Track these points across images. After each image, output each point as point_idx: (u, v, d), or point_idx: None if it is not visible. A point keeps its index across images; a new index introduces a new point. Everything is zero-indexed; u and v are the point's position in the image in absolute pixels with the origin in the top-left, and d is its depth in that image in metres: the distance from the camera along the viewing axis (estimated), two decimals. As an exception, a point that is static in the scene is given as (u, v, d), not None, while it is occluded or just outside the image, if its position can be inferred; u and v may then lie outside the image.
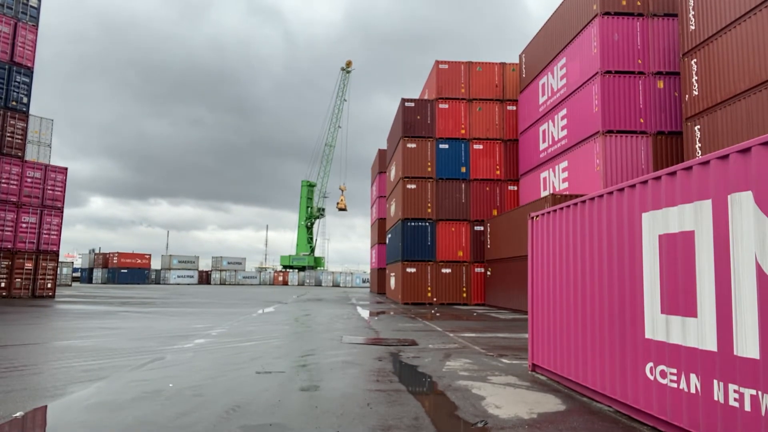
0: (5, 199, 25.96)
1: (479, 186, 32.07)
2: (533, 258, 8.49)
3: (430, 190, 31.91)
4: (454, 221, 31.73)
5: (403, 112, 32.68)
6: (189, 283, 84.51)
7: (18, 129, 26.34)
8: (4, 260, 25.80)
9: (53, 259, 27.68)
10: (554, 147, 26.32)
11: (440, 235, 31.59)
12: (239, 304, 27.25)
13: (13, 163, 26.24)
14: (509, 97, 32.75)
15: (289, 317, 19.66)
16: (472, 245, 31.48)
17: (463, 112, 32.65)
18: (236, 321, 17.20)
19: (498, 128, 32.59)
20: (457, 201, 31.90)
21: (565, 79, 25.49)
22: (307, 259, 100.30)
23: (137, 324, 15.76)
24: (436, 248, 31.43)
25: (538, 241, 8.33)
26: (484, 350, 10.93)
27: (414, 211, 31.79)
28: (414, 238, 31.59)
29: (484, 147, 32.42)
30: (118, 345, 10.91)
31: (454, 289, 31.18)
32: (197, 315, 19.60)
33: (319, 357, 9.76)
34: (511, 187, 32.09)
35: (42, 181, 27.39)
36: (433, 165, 32.11)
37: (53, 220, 27.73)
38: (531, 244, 8.58)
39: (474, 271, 31.30)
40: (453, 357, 9.87)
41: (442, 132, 32.38)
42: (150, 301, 27.83)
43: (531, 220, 8.61)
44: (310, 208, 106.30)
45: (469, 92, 32.72)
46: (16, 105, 26.28)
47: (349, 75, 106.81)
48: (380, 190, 51.95)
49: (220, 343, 11.37)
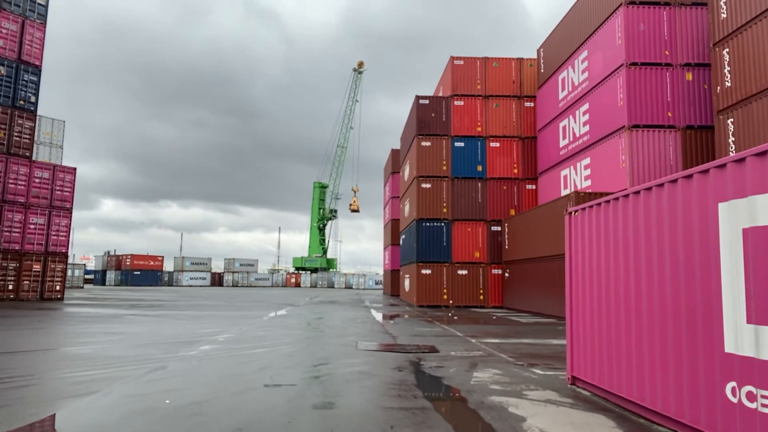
0: (13, 200, 25.50)
1: (496, 185, 31.12)
2: (571, 257, 7.60)
3: (446, 190, 31.02)
4: (471, 221, 30.81)
5: (418, 110, 31.84)
6: (201, 285, 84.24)
7: (26, 128, 25.89)
8: (12, 262, 25.33)
9: (62, 261, 27.18)
10: (575, 144, 25.32)
11: (456, 235, 30.69)
12: (250, 307, 26.56)
13: (21, 163, 25.78)
14: (527, 94, 31.77)
15: (301, 321, 18.89)
16: (489, 246, 30.53)
17: (479, 109, 31.73)
18: (246, 325, 16.45)
19: (515, 125, 31.63)
20: (474, 200, 30.98)
21: (587, 72, 24.49)
22: (320, 261, 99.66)
23: (142, 329, 15.07)
24: (452, 249, 30.53)
25: (578, 239, 7.44)
26: (512, 359, 10.04)
27: (429, 211, 30.92)
28: (429, 239, 30.72)
29: (501, 145, 31.47)
30: (118, 353, 10.18)
31: (470, 292, 30.25)
32: (206, 318, 18.90)
33: (333, 366, 8.95)
34: (529, 186, 31.10)
35: (50, 182, 26.91)
36: (448, 163, 31.23)
37: (62, 221, 27.24)
38: (569, 241, 7.69)
39: (491, 273, 30.34)
40: (480, 367, 9.00)
41: (458, 130, 31.48)
42: (159, 304, 27.24)
43: (569, 216, 7.73)
44: (322, 209, 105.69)
45: (485, 88, 31.80)
46: (24, 104, 25.83)
47: (360, 76, 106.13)
48: (393, 191, 51.13)
49: (227, 351, 10.60)
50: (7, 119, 25.12)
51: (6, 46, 25.21)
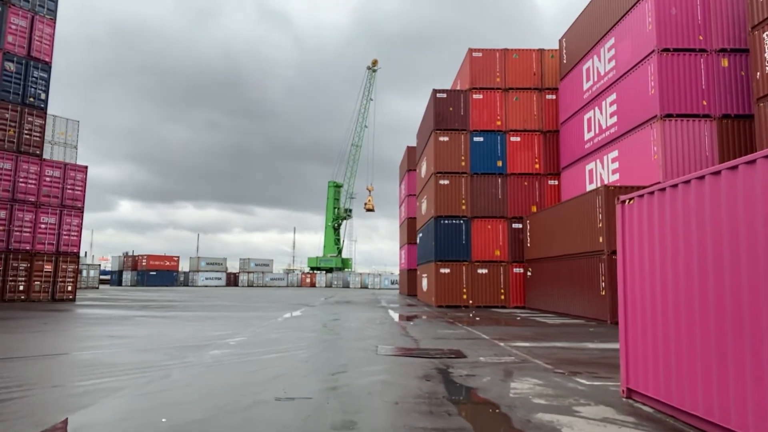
0: (23, 199, 25.04)
1: (517, 181, 30.06)
2: (625, 252, 6.64)
3: (464, 186, 30.04)
4: (491, 218, 29.79)
5: (435, 104, 30.88)
6: (217, 285, 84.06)
7: (36, 126, 25.41)
8: (23, 262, 24.87)
9: (73, 261, 26.69)
10: (602, 136, 24.19)
11: (475, 233, 29.69)
12: (265, 308, 25.83)
13: (31, 161, 25.31)
14: (548, 86, 30.66)
15: (316, 322, 18.07)
16: (510, 244, 29.49)
17: (499, 102, 30.69)
18: (259, 327, 15.66)
19: (536, 119, 30.53)
20: (494, 197, 29.96)
21: (614, 61, 23.36)
22: (335, 261, 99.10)
23: (150, 331, 14.34)
24: (472, 247, 29.54)
25: (634, 231, 6.48)
26: (549, 365, 9.09)
27: (447, 208, 29.96)
28: (448, 237, 29.76)
29: (521, 139, 30.40)
30: (120, 358, 9.42)
31: (491, 291, 29.23)
32: (218, 320, 18.16)
33: (353, 375, 8.08)
34: (552, 181, 29.99)
35: (61, 180, 26.42)
36: (467, 159, 30.24)
37: (73, 221, 26.74)
38: (621, 235, 6.73)
39: (512, 272, 29.29)
40: (516, 375, 8.07)
41: (477, 124, 30.48)
42: (172, 305, 26.62)
43: (621, 206, 6.76)
44: (337, 209, 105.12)
45: (504, 81, 30.75)
46: (34, 101, 25.35)
47: (375, 74, 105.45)
48: (409, 189, 50.27)
49: (238, 356, 9.78)
50: (17, 117, 24.67)
51: (15, 43, 24.76)
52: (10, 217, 24.48)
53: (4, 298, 24.15)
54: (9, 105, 24.44)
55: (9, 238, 24.40)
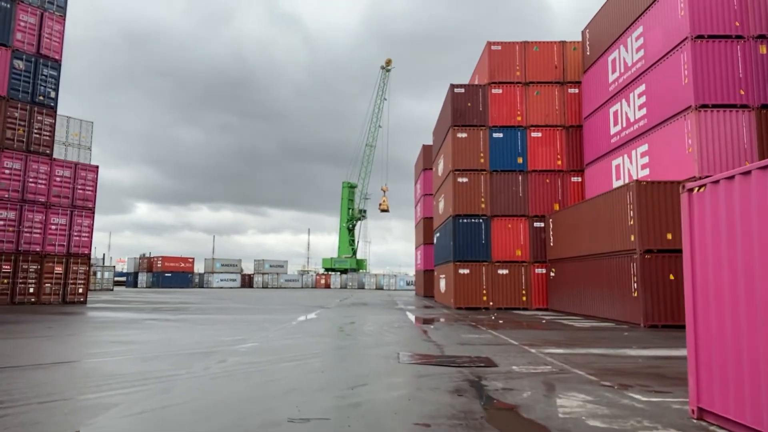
0: (33, 200, 24.55)
1: (538, 178, 28.99)
2: (694, 246, 5.68)
3: (484, 184, 29.04)
4: (511, 217, 28.76)
5: (452, 99, 29.94)
6: (232, 287, 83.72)
7: (46, 125, 24.93)
8: (33, 264, 24.37)
9: (84, 263, 26.16)
10: (629, 130, 23.07)
11: (496, 232, 28.68)
12: (279, 310, 25.08)
13: (41, 161, 24.82)
14: (571, 79, 29.56)
15: (332, 326, 17.24)
16: (531, 243, 28.43)
17: (519, 97, 29.65)
18: (272, 331, 14.86)
19: (558, 114, 29.44)
20: (514, 195, 28.92)
21: (642, 50, 22.24)
22: (350, 262, 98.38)
23: (158, 336, 13.61)
24: (492, 247, 28.53)
25: (706, 222, 5.52)
26: (593, 376, 8.14)
27: (466, 206, 28.99)
28: (466, 237, 28.78)
29: (543, 135, 29.33)
30: (120, 368, 8.65)
31: (512, 292, 28.20)
32: (230, 324, 17.40)
33: (374, 388, 7.21)
34: (575, 178, 28.88)
35: (72, 180, 25.91)
36: (486, 156, 29.24)
37: (84, 222, 26.22)
38: (689, 228, 5.77)
39: (534, 272, 28.24)
40: (559, 389, 7.14)
41: (496, 119, 29.47)
42: (184, 307, 25.97)
43: (688, 194, 5.81)
44: (351, 209, 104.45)
45: (525, 75, 29.71)
46: (44, 100, 24.87)
47: (389, 74, 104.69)
48: (425, 188, 49.34)
49: (248, 365, 8.96)
50: (26, 116, 24.20)
51: (24, 40, 24.30)
52: (20, 218, 24.00)
53: (14, 301, 23.67)
54: (18, 104, 23.98)
55: (19, 240, 23.92)
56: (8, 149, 23.69)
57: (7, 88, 23.67)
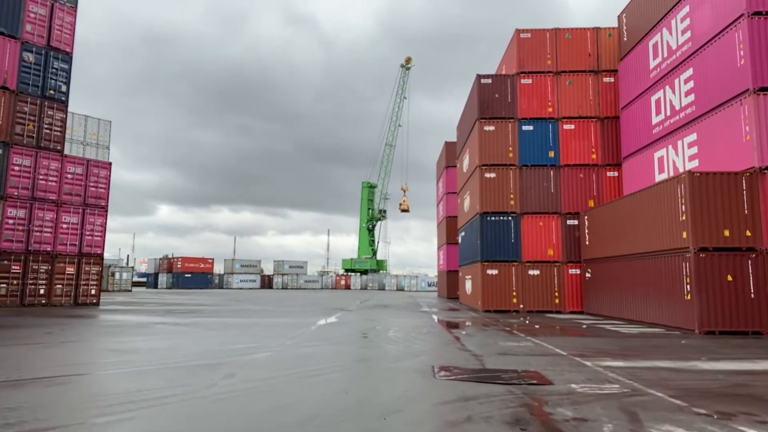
0: (44, 197, 23.64)
1: (571, 173, 27.31)
2: None
3: (513, 179, 27.45)
4: (542, 214, 27.12)
5: (479, 91, 28.39)
6: (251, 288, 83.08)
7: (57, 120, 24.00)
8: (43, 264, 23.45)
9: (97, 263, 25.18)
10: (675, 118, 21.29)
11: (526, 230, 27.07)
12: (297, 312, 23.80)
13: (52, 157, 23.90)
14: (606, 68, 27.83)
15: (354, 331, 15.87)
16: (564, 242, 26.76)
17: (550, 87, 28.01)
18: (290, 337, 13.53)
19: (593, 104, 27.72)
20: (545, 191, 27.27)
21: (689, 32, 20.47)
22: (370, 263, 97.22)
23: (164, 343, 12.36)
24: (522, 246, 26.93)
25: None
26: (678, 400, 6.60)
27: (494, 203, 27.42)
28: (495, 235, 27.21)
29: (576, 127, 27.64)
30: (110, 385, 7.38)
31: (544, 294, 26.55)
32: (244, 329, 16.13)
33: (412, 416, 5.79)
34: (611, 173, 27.13)
35: (84, 178, 24.96)
36: (515, 150, 27.65)
37: (96, 220, 25.26)
38: None
39: (567, 273, 26.56)
40: (647, 420, 5.63)
41: (526, 111, 27.87)
42: (199, 309, 24.84)
43: None
44: (371, 209, 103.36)
45: (556, 64, 28.05)
46: (54, 94, 23.96)
47: (408, 72, 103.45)
48: (448, 186, 47.89)
49: (259, 382, 7.62)
50: (36, 110, 23.30)
51: (34, 32, 23.41)
52: (29, 217, 23.10)
53: (23, 303, 22.77)
54: (28, 98, 23.09)
55: (29, 239, 23.02)
56: (18, 145, 22.81)
57: (17, 82, 22.80)
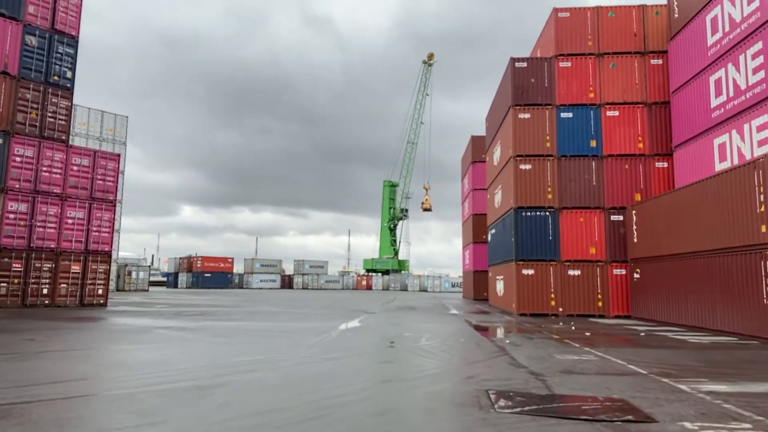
0: (47, 191, 22.14)
1: (615, 164, 24.96)
2: None
3: (550, 171, 25.20)
4: (583, 209, 24.82)
5: (513, 75, 26.19)
6: (271, 288, 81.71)
7: (61, 108, 22.50)
8: (47, 262, 21.94)
9: (104, 261, 23.61)
10: (740, 99, 18.86)
11: (565, 227, 24.80)
12: (317, 315, 21.91)
13: (56, 148, 22.39)
14: (653, 48, 25.40)
15: (380, 338, 13.88)
16: (608, 239, 24.43)
17: (592, 70, 25.69)
18: (306, 347, 11.60)
19: (639, 88, 25.32)
20: (587, 184, 24.96)
21: (756, 1, 18.04)
22: (391, 263, 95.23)
23: (156, 355, 10.52)
24: (560, 244, 24.68)
25: None
26: None
27: (530, 197, 25.20)
28: (531, 232, 24.99)
29: (620, 113, 25.27)
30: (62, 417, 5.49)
31: (585, 297, 24.25)
32: (256, 335, 14.27)
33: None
34: (660, 163, 24.70)
35: (91, 170, 23.42)
36: (553, 139, 25.40)
37: (104, 215, 23.70)
38: None
39: (611, 273, 24.22)
40: None
41: (565, 97, 25.60)
42: (212, 311, 23.10)
43: None
44: (393, 209, 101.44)
45: (598, 45, 25.71)
46: (59, 80, 22.46)
47: (431, 68, 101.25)
48: (474, 182, 45.65)
49: (259, 418, 5.66)
50: (39, 97, 21.82)
51: (37, 14, 21.95)
52: (32, 211, 21.62)
53: (25, 303, 21.29)
54: (30, 84, 21.62)
55: (31, 235, 21.54)
56: (19, 134, 21.35)
57: (18, 67, 21.36)
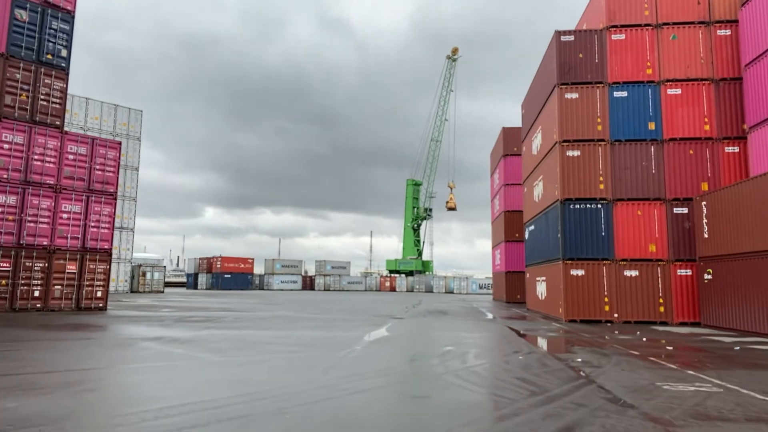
0: (39, 182, 19.89)
1: (678, 149, 21.83)
2: None
3: (602, 158, 22.19)
4: (641, 201, 21.76)
5: (558, 51, 23.23)
6: (292, 289, 79.51)
7: (55, 90, 20.25)
8: (39, 261, 19.69)
9: (104, 260, 21.31)
10: None
11: (620, 221, 21.77)
12: (338, 322, 19.26)
13: (50, 134, 20.15)
14: (721, 17, 22.21)
15: (416, 354, 11.14)
16: (670, 235, 21.33)
17: (649, 43, 22.60)
18: (323, 369, 8.92)
19: (704, 63, 22.15)
20: (645, 171, 21.90)
21: None
22: (415, 263, 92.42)
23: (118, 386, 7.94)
24: (615, 241, 21.66)
25: None
26: None
27: (579, 188, 22.22)
28: (580, 227, 22.01)
29: (683, 92, 22.14)
30: None
31: (644, 301, 21.19)
32: (262, 350, 11.65)
33: None
34: (730, 148, 21.51)
35: (88, 159, 21.13)
36: (605, 122, 22.39)
37: (103, 209, 21.40)
38: None
39: (675, 274, 21.12)
40: None
41: (618, 74, 22.57)
42: (220, 316, 20.59)
43: None
44: (416, 208, 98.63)
45: (656, 15, 22.63)
46: (53, 59, 20.23)
47: (455, 63, 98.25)
48: (506, 177, 42.68)
49: None
50: (30, 78, 19.62)
51: (28, -15, 19.78)
52: (22, 204, 19.41)
53: (14, 307, 19.04)
54: (21, 63, 19.43)
55: (21, 231, 19.31)
56: (8, 118, 19.15)
57: (7, 44, 19.18)
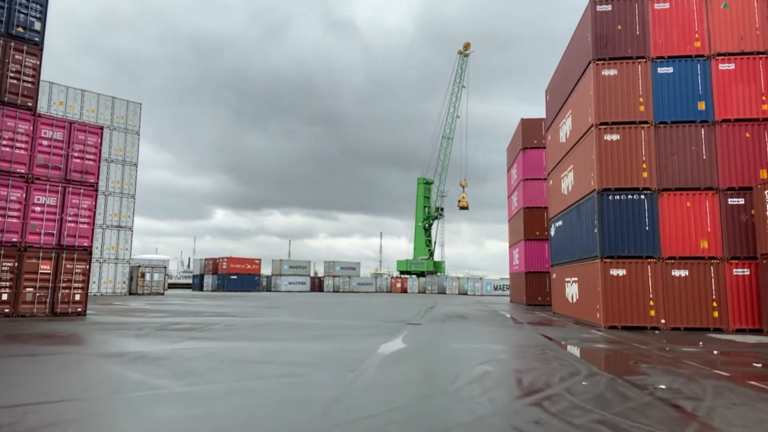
0: (7, 170, 17.52)
1: (733, 131, 19.16)
2: None
3: (645, 142, 19.56)
4: (691, 191, 19.10)
5: (594, 22, 20.63)
6: (301, 291, 77.21)
7: (27, 68, 17.94)
8: (7, 260, 17.36)
9: (83, 259, 18.95)
10: None
11: (666, 214, 19.13)
12: (347, 330, 16.76)
13: (20, 117, 17.82)
14: (781, -20, 19.50)
15: (445, 380, 8.62)
16: (725, 230, 18.66)
17: (697, 12, 19.95)
18: (321, 408, 6.43)
19: (761, 34, 19.48)
20: (694, 157, 19.24)
21: None
22: (427, 264, 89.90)
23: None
24: (660, 236, 19.02)
25: None
26: None
27: (619, 176, 19.60)
28: (621, 221, 19.38)
29: (737, 66, 19.47)
30: None
31: (695, 304, 18.52)
32: (244, 374, 9.17)
33: None
34: (794, 129, 18.78)
35: (65, 145, 18.79)
36: (648, 101, 19.75)
37: (83, 202, 19.06)
38: None
39: (731, 274, 18.43)
40: None
41: (662, 47, 19.93)
42: (211, 323, 18.12)
43: None
44: (428, 207, 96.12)
45: (705, -20, 19.96)
46: (24, 32, 17.94)
47: (467, 59, 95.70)
48: (525, 172, 40.11)
49: None
50: (-3, 53, 17.36)
51: (-5, -52, 17.52)
52: (-13, 196, 17.15)
53: (-23, 312, 16.80)
54: (-14, 36, 17.19)
55: (-14, 226, 17.05)
56: (-29, 99, 16.92)
57: (-31, 14, 16.95)
